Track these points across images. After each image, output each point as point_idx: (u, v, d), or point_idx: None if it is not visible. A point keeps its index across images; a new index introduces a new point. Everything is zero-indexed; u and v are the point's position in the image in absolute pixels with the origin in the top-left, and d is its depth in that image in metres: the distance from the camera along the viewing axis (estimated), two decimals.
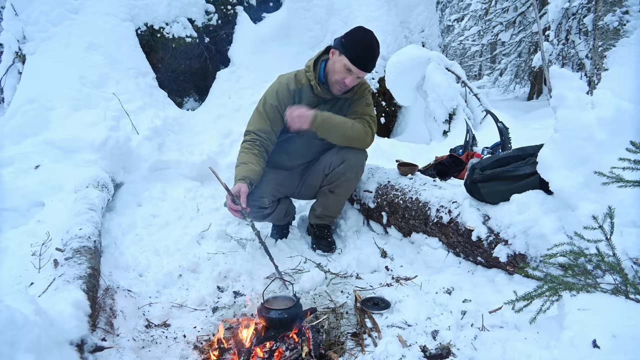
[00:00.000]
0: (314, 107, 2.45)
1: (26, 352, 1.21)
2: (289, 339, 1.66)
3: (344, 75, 2.30)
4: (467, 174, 2.25)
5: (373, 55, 2.32)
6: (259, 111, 2.49)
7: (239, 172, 2.33)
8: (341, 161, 2.49)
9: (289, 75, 2.52)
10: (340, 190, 2.58)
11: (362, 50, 2.27)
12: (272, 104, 2.45)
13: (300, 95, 2.47)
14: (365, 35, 2.32)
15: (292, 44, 5.97)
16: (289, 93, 2.45)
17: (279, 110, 2.45)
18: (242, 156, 2.41)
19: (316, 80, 2.41)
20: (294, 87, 2.46)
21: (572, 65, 9.61)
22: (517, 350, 1.45)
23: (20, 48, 4.80)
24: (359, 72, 2.29)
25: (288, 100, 2.45)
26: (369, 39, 2.31)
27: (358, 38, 2.30)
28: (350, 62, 2.26)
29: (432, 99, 5.46)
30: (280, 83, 2.49)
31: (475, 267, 2.20)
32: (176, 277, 2.34)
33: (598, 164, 1.68)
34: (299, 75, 2.49)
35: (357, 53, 2.26)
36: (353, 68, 2.26)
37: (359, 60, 2.26)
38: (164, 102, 4.92)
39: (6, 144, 3.47)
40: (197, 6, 5.69)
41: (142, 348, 1.78)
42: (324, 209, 2.64)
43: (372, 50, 2.30)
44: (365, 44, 2.29)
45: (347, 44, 2.28)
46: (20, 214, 2.87)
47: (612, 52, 5.45)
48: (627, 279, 1.42)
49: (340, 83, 2.34)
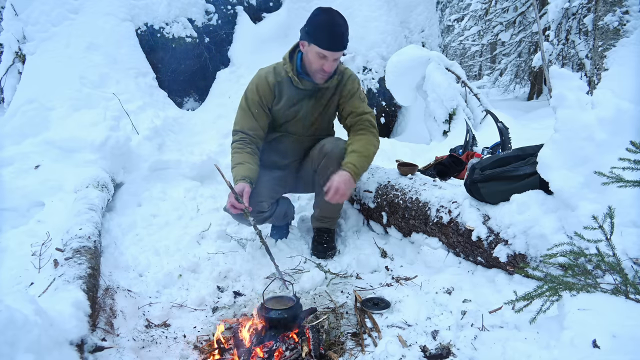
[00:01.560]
0: (296, 100, 2.42)
1: (26, 352, 1.21)
2: (289, 339, 1.66)
3: (320, 62, 2.24)
4: (467, 174, 2.25)
5: (340, 32, 2.22)
6: (243, 108, 2.47)
7: (238, 172, 2.31)
8: (323, 155, 2.43)
9: (268, 68, 2.47)
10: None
11: (327, 32, 2.19)
12: (253, 99, 2.43)
13: (281, 88, 2.42)
14: (325, 14, 2.22)
15: (292, 44, 5.96)
16: (269, 86, 2.41)
17: (261, 105, 2.42)
18: (237, 157, 2.39)
19: (293, 72, 2.35)
20: (272, 80, 2.41)
21: (572, 65, 9.61)
22: (517, 350, 1.45)
23: (20, 48, 4.81)
24: (333, 54, 2.21)
25: (268, 94, 2.42)
26: (330, 16, 2.22)
27: (319, 21, 2.22)
28: (320, 48, 2.19)
29: (432, 99, 5.46)
30: (259, 77, 2.45)
31: (475, 267, 2.20)
32: (176, 277, 2.34)
33: (598, 164, 1.68)
34: (277, 68, 2.44)
35: (323, 36, 2.18)
36: (325, 52, 2.19)
37: (328, 42, 2.19)
38: (164, 102, 4.92)
39: (6, 144, 3.47)
40: (197, 6, 5.69)
41: (142, 348, 1.78)
42: (321, 210, 2.62)
43: (337, 27, 2.21)
44: (328, 24, 2.20)
45: (310, 31, 2.21)
46: (20, 214, 2.87)
47: (612, 52, 5.45)
48: (627, 279, 1.42)
49: (319, 71, 2.28)
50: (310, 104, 2.45)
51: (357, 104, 2.49)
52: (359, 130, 2.45)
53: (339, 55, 2.26)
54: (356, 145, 2.36)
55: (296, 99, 2.43)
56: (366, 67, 6.46)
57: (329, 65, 2.25)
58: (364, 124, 2.46)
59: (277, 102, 2.45)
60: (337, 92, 2.49)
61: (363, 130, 2.44)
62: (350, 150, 2.34)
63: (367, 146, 2.38)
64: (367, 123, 2.46)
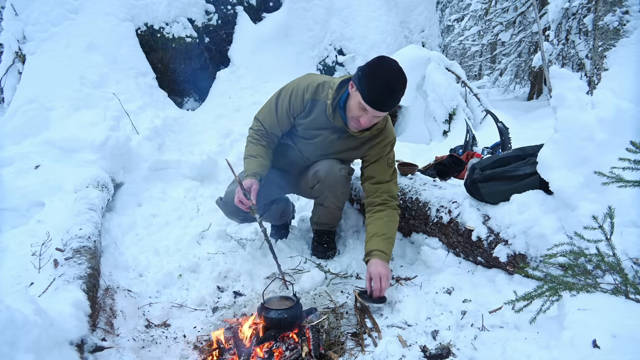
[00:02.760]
0: (321, 127, 2.26)
1: (26, 352, 1.21)
2: (289, 339, 1.66)
3: (358, 113, 2.02)
4: (467, 174, 2.25)
5: (392, 92, 1.92)
6: (271, 103, 2.33)
7: (249, 166, 2.24)
8: (317, 181, 2.35)
9: (314, 80, 2.23)
10: (328, 204, 2.45)
11: (377, 88, 1.90)
12: (283, 102, 2.28)
13: (312, 107, 2.23)
14: (383, 68, 1.94)
15: (292, 44, 5.97)
16: (302, 101, 2.23)
17: (287, 112, 2.28)
18: (252, 148, 2.31)
19: (332, 103, 2.14)
20: (309, 97, 2.21)
21: (572, 65, 9.61)
22: (517, 350, 1.45)
23: (20, 48, 4.80)
24: (375, 112, 1.96)
25: (299, 106, 2.25)
26: (387, 72, 1.93)
27: (374, 72, 1.92)
28: (363, 101, 1.94)
29: (432, 99, 5.46)
30: (299, 85, 2.25)
31: (475, 267, 2.20)
32: (176, 277, 2.34)
33: (598, 164, 1.68)
34: (324, 87, 2.20)
35: (371, 91, 1.91)
36: (367, 107, 1.95)
37: (374, 99, 1.92)
38: (164, 102, 4.92)
39: (6, 144, 3.47)
40: (197, 6, 5.69)
41: (142, 348, 1.78)
42: (319, 217, 2.60)
43: (390, 87, 1.91)
44: (382, 80, 1.90)
45: (362, 79, 1.92)
46: (20, 214, 2.87)
47: (612, 52, 5.45)
48: (627, 279, 1.42)
49: (354, 120, 2.08)
50: (332, 138, 2.29)
51: (380, 171, 2.29)
52: (377, 205, 2.25)
53: (380, 114, 2.02)
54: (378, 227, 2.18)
55: (322, 126, 2.26)
56: None
57: (366, 119, 2.03)
58: (382, 196, 2.26)
59: (303, 117, 2.29)
60: (366, 146, 2.29)
61: (382, 206, 2.24)
62: (373, 234, 2.15)
63: (388, 224, 2.20)
64: (385, 196, 2.26)
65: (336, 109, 2.17)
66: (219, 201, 2.48)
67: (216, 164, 3.92)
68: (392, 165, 2.32)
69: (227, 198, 2.38)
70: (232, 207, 2.25)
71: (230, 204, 2.25)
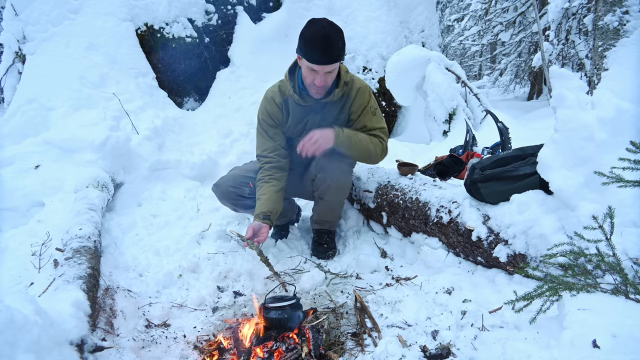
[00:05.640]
0: (302, 117, 2.39)
1: (26, 352, 1.21)
2: (289, 339, 1.66)
3: (311, 76, 2.15)
4: (467, 174, 2.25)
5: (328, 44, 2.06)
6: (259, 132, 2.48)
7: (257, 208, 2.34)
8: (319, 170, 2.42)
9: (273, 88, 2.43)
10: (328, 197, 2.49)
11: (315, 45, 2.06)
12: (265, 121, 2.43)
13: (287, 106, 2.40)
14: (314, 25, 2.10)
15: (292, 44, 5.90)
16: (277, 106, 2.39)
17: (274, 126, 2.43)
18: (259, 189, 2.40)
19: (294, 90, 2.30)
20: (279, 100, 2.38)
21: (572, 65, 9.61)
22: (517, 350, 1.45)
23: (20, 48, 4.81)
24: (322, 67, 2.10)
25: (278, 113, 2.41)
26: (319, 28, 2.08)
27: (308, 33, 2.09)
28: (308, 62, 2.09)
29: (432, 99, 5.46)
30: (267, 98, 2.43)
31: (475, 267, 2.20)
32: (176, 277, 2.34)
33: (598, 164, 1.68)
34: (282, 86, 2.39)
35: (311, 49, 2.07)
36: (314, 66, 2.09)
37: (316, 55, 2.07)
38: (164, 102, 4.92)
39: (6, 144, 3.48)
40: (197, 6, 5.69)
41: (142, 348, 1.78)
42: (319, 215, 2.61)
43: (326, 39, 2.05)
44: (316, 37, 2.06)
45: (300, 44, 2.11)
46: (20, 214, 2.87)
47: (612, 52, 5.45)
48: (627, 279, 1.42)
49: (312, 86, 2.20)
50: (317, 119, 2.39)
51: (367, 120, 2.41)
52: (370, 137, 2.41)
53: (330, 68, 2.12)
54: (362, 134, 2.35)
55: (302, 115, 2.39)
56: (366, 67, 6.46)
57: (320, 79, 2.14)
58: (376, 136, 2.41)
59: (287, 120, 2.43)
60: (346, 106, 2.40)
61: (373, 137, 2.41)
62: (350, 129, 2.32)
63: (367, 137, 2.35)
64: (378, 134, 2.42)
65: (301, 92, 2.32)
66: (213, 187, 2.61)
67: (216, 164, 3.93)
68: (376, 113, 2.45)
69: (220, 182, 2.58)
70: (224, 189, 2.52)
71: (222, 187, 2.52)
